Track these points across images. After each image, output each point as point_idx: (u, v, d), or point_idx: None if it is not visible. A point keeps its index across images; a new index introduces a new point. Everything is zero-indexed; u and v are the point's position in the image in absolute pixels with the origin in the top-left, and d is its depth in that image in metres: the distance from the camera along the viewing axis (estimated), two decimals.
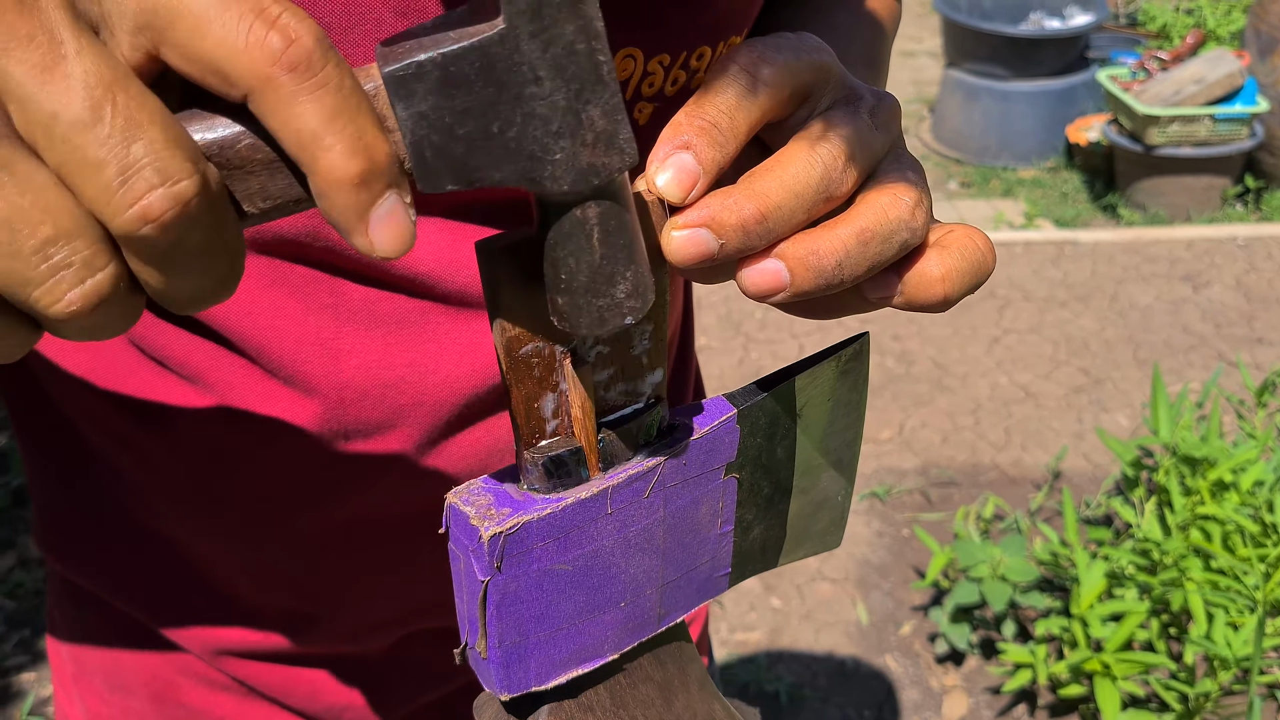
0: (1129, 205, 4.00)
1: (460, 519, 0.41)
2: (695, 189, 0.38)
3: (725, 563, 0.49)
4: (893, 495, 2.63)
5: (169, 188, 0.28)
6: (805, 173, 0.39)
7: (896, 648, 2.25)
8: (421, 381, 0.58)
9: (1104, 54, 4.57)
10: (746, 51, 0.40)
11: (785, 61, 0.40)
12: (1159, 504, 2.13)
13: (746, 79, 0.39)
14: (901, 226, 0.39)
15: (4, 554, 2.44)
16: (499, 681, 0.43)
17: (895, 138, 0.43)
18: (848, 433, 0.51)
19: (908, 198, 0.40)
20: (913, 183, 0.41)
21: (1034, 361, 3.11)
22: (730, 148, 0.38)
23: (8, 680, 2.18)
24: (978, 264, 0.42)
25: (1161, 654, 1.96)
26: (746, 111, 0.39)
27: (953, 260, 0.41)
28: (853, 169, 0.40)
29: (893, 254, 0.40)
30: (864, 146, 0.40)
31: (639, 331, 0.41)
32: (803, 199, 0.38)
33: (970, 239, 0.42)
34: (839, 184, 0.39)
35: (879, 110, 0.42)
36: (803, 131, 0.40)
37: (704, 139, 0.38)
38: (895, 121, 0.43)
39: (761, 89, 0.39)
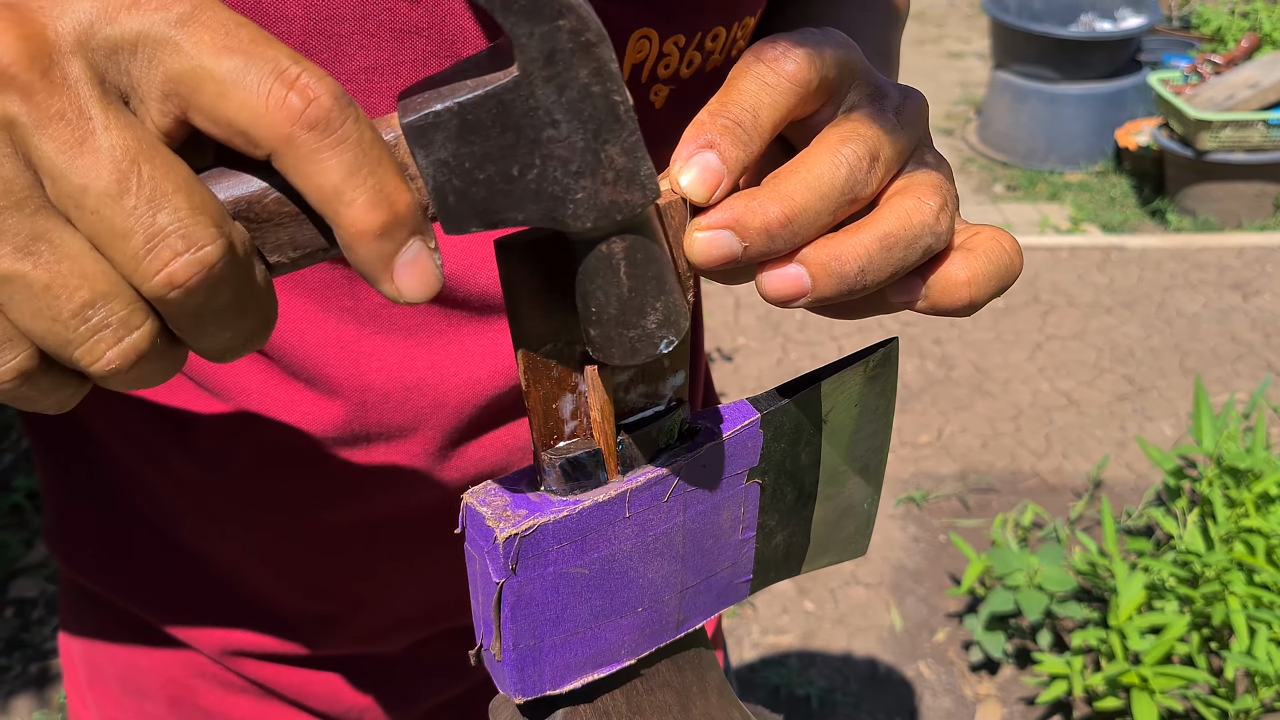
0: (1178, 211, 3.94)
1: (476, 519, 0.40)
2: (719, 189, 0.37)
3: (747, 569, 0.48)
4: (930, 500, 2.61)
5: (193, 254, 0.29)
6: (831, 174, 0.38)
7: (930, 655, 2.23)
8: (443, 384, 0.58)
9: (1156, 57, 4.50)
10: (770, 47, 0.39)
11: (810, 57, 0.39)
12: (1202, 515, 2.10)
13: (771, 75, 0.38)
14: (926, 231, 0.39)
15: None
16: (513, 684, 0.42)
17: (922, 135, 0.42)
18: (875, 439, 0.50)
19: (932, 201, 0.39)
20: (938, 185, 0.40)
21: (1077, 368, 3.07)
22: (755, 146, 0.38)
23: (46, 663, 2.21)
24: (1004, 267, 0.41)
25: (1201, 669, 1.92)
26: (771, 109, 0.38)
27: (978, 264, 0.40)
28: (878, 169, 0.39)
29: (916, 259, 0.39)
30: (890, 146, 0.40)
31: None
32: (828, 201, 0.38)
33: (997, 241, 0.41)
34: (864, 185, 0.39)
35: (905, 107, 0.41)
36: (828, 130, 0.39)
37: (728, 138, 0.37)
38: (921, 119, 0.42)
39: (786, 86, 0.38)
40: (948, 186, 0.41)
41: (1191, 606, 1.95)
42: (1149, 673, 1.86)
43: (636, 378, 0.41)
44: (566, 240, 0.36)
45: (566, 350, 0.39)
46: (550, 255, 0.37)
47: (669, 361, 0.42)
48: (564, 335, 0.39)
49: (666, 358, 0.41)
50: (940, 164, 0.42)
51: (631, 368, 0.41)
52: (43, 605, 2.33)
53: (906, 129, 0.41)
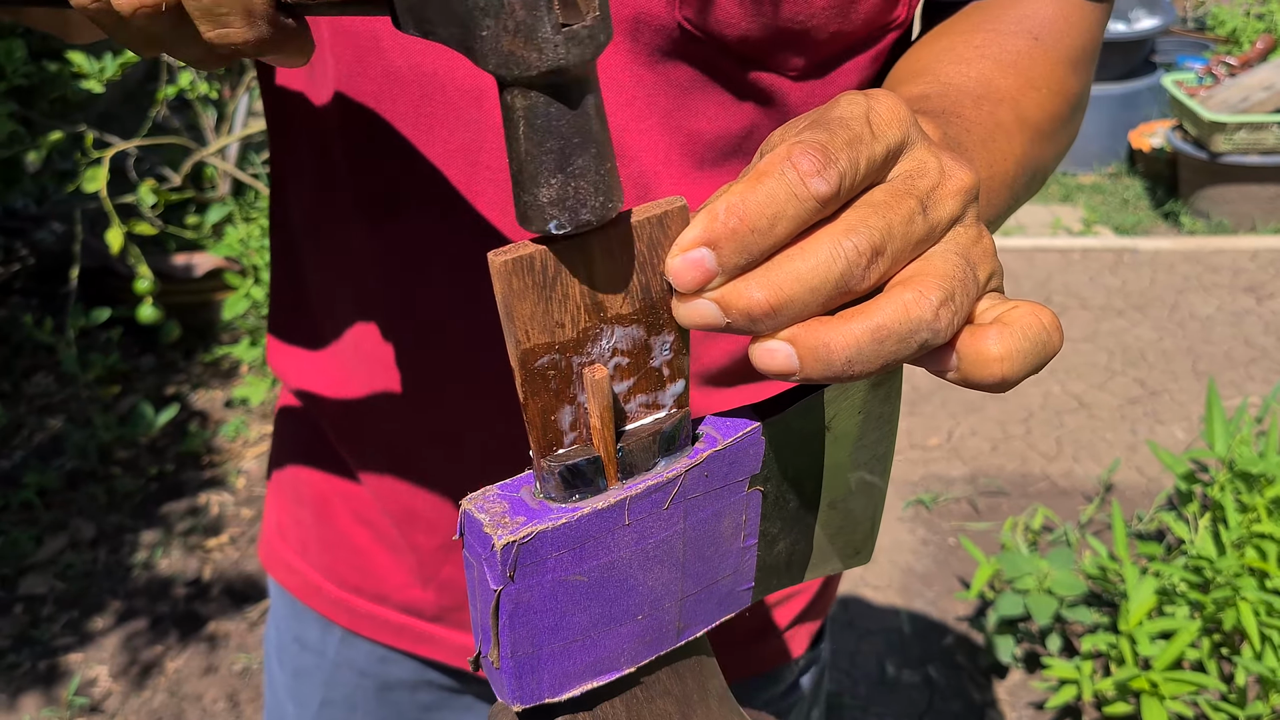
0: (1192, 213, 3.92)
1: (474, 526, 0.40)
2: (707, 285, 0.37)
3: (748, 577, 0.47)
4: (939, 503, 2.60)
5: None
6: (825, 269, 0.37)
7: (939, 658, 2.22)
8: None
9: (1170, 58, 4.48)
10: (807, 157, 0.37)
11: (843, 176, 0.37)
12: (1213, 520, 2.08)
13: (801, 190, 0.37)
14: (922, 327, 0.37)
15: (56, 536, 2.49)
16: (511, 692, 0.42)
17: (952, 218, 0.40)
18: (879, 446, 0.50)
19: (933, 296, 0.37)
20: (947, 276, 0.38)
21: (1088, 371, 3.06)
22: (759, 252, 0.37)
23: (54, 660, 2.21)
24: (1042, 345, 0.39)
25: (1212, 674, 1.91)
26: (791, 221, 0.37)
27: (1014, 341, 0.39)
28: (880, 264, 0.38)
29: (911, 353, 0.38)
30: (901, 239, 0.38)
31: (659, 342, 0.40)
32: (818, 294, 0.37)
33: (1036, 318, 0.39)
34: (861, 280, 0.37)
35: (940, 190, 0.40)
36: (841, 214, 0.38)
37: (732, 244, 0.37)
38: (956, 200, 0.40)
39: (812, 206, 0.37)
40: (960, 276, 0.39)
41: (1202, 612, 1.93)
42: (1159, 678, 1.85)
43: (636, 388, 0.41)
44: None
45: (564, 362, 0.39)
46: (544, 268, 0.37)
47: (669, 371, 0.41)
48: (561, 348, 0.38)
49: (666, 367, 0.41)
50: (973, 244, 0.41)
51: (630, 377, 0.40)
52: (52, 602, 2.34)
53: (931, 213, 0.39)
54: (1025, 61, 0.61)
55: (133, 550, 2.46)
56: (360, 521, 0.80)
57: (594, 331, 0.39)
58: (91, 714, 2.11)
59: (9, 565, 2.40)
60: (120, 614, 2.32)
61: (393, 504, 0.78)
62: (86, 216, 2.88)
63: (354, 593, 0.82)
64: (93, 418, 2.75)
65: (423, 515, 0.77)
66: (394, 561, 0.80)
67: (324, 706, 0.87)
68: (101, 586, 2.38)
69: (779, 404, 0.45)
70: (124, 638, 2.26)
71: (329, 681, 0.86)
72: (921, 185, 0.39)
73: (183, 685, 2.17)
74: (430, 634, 0.81)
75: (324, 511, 0.83)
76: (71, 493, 2.60)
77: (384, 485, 0.77)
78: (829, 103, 0.40)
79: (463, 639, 0.80)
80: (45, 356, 3.02)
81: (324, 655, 0.86)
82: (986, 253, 0.41)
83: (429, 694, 0.86)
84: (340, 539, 0.82)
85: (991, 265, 0.41)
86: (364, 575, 0.81)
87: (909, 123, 0.40)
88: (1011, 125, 0.58)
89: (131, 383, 2.94)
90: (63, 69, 2.64)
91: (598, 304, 0.38)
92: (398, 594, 0.80)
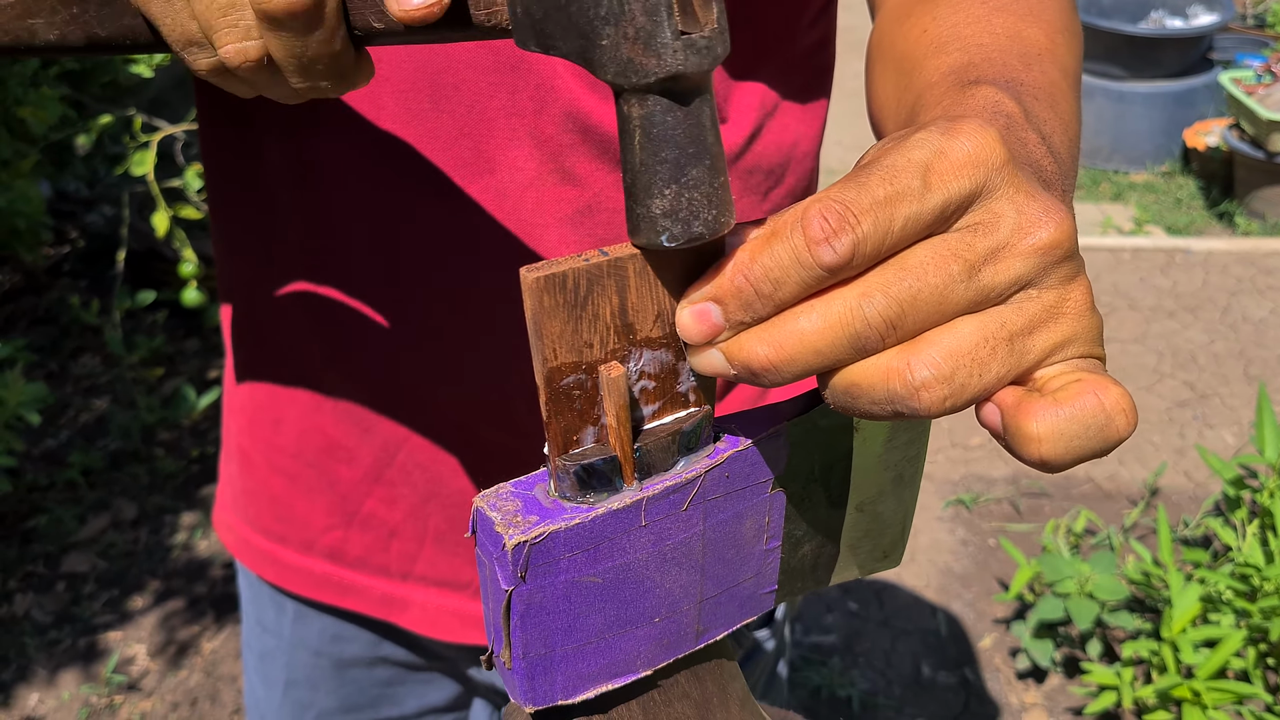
0: (1247, 214, 3.84)
1: (486, 524, 0.39)
2: (716, 338, 0.37)
3: (771, 580, 0.46)
4: (980, 503, 2.57)
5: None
6: (832, 333, 0.35)
7: (975, 661, 2.19)
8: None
9: (1228, 56, 4.38)
10: (818, 221, 0.34)
11: (855, 246, 0.34)
12: (1262, 527, 2.04)
13: (806, 258, 0.35)
14: (895, 400, 0.35)
15: (99, 515, 2.52)
16: (523, 693, 0.41)
17: (1015, 282, 0.36)
18: (911, 448, 0.48)
19: (919, 375, 0.34)
20: (951, 355, 0.35)
21: (1137, 373, 3.00)
22: (765, 312, 0.36)
23: (94, 638, 2.24)
24: (1096, 429, 0.35)
25: (1257, 685, 1.87)
26: (796, 286, 0.35)
27: (1058, 421, 0.34)
28: (897, 334, 0.35)
29: (886, 416, 0.36)
30: (929, 307, 0.35)
31: (686, 368, 0.40)
32: (823, 356, 0.35)
33: (1094, 395, 0.35)
34: (874, 348, 0.35)
35: (1006, 250, 0.36)
36: (872, 270, 0.35)
37: (736, 302, 0.36)
38: (1029, 260, 0.36)
39: (817, 274, 0.35)
40: (976, 355, 0.35)
41: (1248, 621, 1.89)
42: (1202, 687, 1.81)
43: (661, 410, 0.40)
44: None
45: (589, 383, 0.38)
46: (575, 286, 0.36)
47: (694, 397, 0.41)
48: (588, 368, 0.38)
49: (692, 393, 0.40)
50: (1043, 311, 0.36)
51: (655, 402, 0.40)
52: (93, 580, 2.37)
53: (986, 278, 0.35)
54: (1038, 7, 0.57)
55: (173, 531, 2.49)
56: (275, 471, 0.80)
57: (622, 354, 0.38)
58: (129, 692, 2.14)
59: (53, 543, 2.44)
60: (159, 594, 2.34)
61: (314, 438, 0.77)
62: (134, 200, 2.91)
63: (279, 542, 0.82)
64: (137, 399, 2.79)
65: (342, 444, 0.76)
66: (311, 504, 0.79)
67: (289, 687, 0.88)
68: (141, 566, 2.40)
69: (805, 404, 0.43)
70: (162, 617, 2.29)
71: (289, 663, 0.87)
72: (981, 245, 0.36)
73: (218, 666, 2.19)
74: (352, 584, 0.80)
75: (245, 464, 0.82)
76: (114, 473, 2.63)
77: (304, 420, 0.77)
78: (901, 138, 0.37)
79: (385, 587, 0.80)
80: (92, 338, 3.06)
81: (281, 637, 0.87)
82: (1062, 318, 0.36)
83: (386, 670, 0.87)
84: (261, 487, 0.81)
85: (1067, 332, 0.36)
86: (287, 523, 0.81)
87: (991, 166, 0.36)
88: (1061, 80, 0.54)
89: (175, 365, 2.97)
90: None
91: (627, 326, 0.38)
92: (321, 538, 0.80)
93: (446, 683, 0.89)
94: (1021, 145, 0.45)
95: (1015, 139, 0.45)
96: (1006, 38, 0.55)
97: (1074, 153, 0.51)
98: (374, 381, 0.72)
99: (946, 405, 0.35)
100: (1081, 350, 0.37)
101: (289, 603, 0.85)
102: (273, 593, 0.85)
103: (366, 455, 0.75)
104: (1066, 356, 0.37)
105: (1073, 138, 0.52)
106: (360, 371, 0.72)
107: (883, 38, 0.62)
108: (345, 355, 0.72)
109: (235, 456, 0.84)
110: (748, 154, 0.70)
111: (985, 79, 0.50)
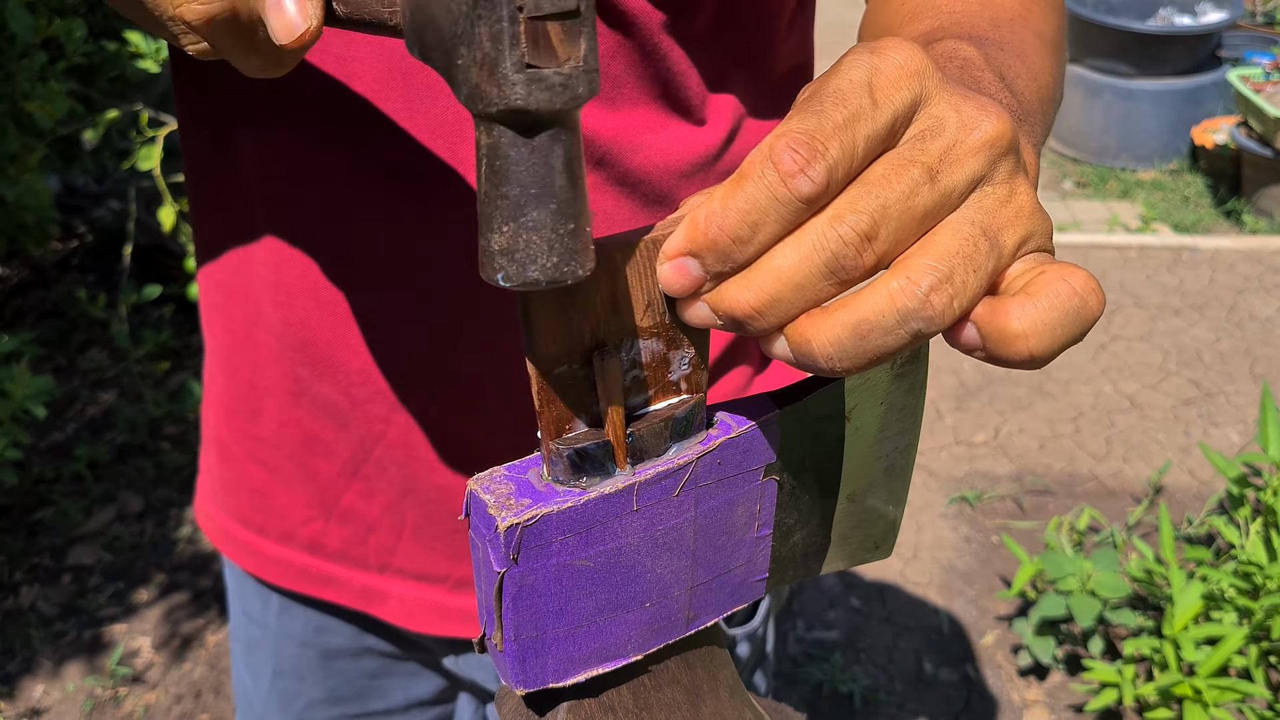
0: (1254, 212, 3.83)
1: (479, 507, 0.39)
2: (699, 290, 0.37)
3: (762, 567, 0.47)
4: (984, 501, 2.57)
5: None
6: (809, 262, 0.35)
7: (977, 657, 2.20)
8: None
9: (1237, 53, 4.37)
10: (791, 152, 0.34)
11: (830, 171, 0.35)
12: (1265, 526, 2.04)
13: (783, 192, 0.35)
14: (910, 317, 0.35)
15: (104, 508, 2.53)
16: (514, 676, 0.41)
17: (972, 180, 0.37)
18: (902, 439, 0.49)
19: (923, 281, 0.34)
20: (945, 255, 0.35)
21: (1142, 370, 3.00)
22: (744, 258, 0.36)
23: (99, 630, 2.25)
24: (1073, 313, 0.36)
25: (1259, 682, 1.87)
26: (775, 224, 0.35)
27: (1039, 312, 0.35)
28: (874, 248, 0.35)
29: (905, 344, 0.35)
30: (900, 216, 0.35)
31: (678, 357, 0.40)
32: (805, 290, 0.35)
33: (1065, 282, 0.36)
34: (854, 268, 0.35)
35: (956, 150, 0.36)
36: (832, 203, 0.35)
37: (714, 253, 0.36)
38: (979, 157, 0.37)
39: (796, 206, 0.35)
40: (966, 250, 0.35)
41: (1251, 619, 1.89)
42: (1203, 685, 1.81)
43: (653, 398, 0.40)
44: None
45: (581, 372, 0.38)
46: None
47: (686, 385, 0.41)
48: (580, 359, 0.38)
49: (684, 381, 0.41)
50: (999, 205, 0.37)
51: (646, 391, 0.40)
52: (99, 573, 2.38)
53: (945, 179, 0.36)
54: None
55: (178, 524, 2.50)
56: (255, 461, 0.80)
57: (613, 342, 0.38)
58: (133, 684, 2.15)
59: (59, 536, 2.45)
60: (164, 587, 2.35)
61: (291, 431, 0.77)
62: (141, 195, 2.92)
63: (259, 533, 0.82)
64: (143, 393, 2.80)
65: (320, 438, 0.76)
66: (291, 496, 0.79)
67: (276, 677, 0.88)
68: (147, 559, 2.42)
69: (798, 392, 0.44)
70: (166, 610, 2.30)
71: (276, 653, 0.87)
72: (933, 149, 0.36)
73: (222, 658, 2.19)
74: (332, 575, 0.81)
75: (224, 455, 0.82)
76: (120, 466, 2.64)
77: (282, 412, 0.77)
78: (833, 66, 0.38)
79: (364, 580, 0.80)
80: (99, 332, 3.07)
81: (267, 627, 0.87)
82: (1020, 213, 0.37)
83: (372, 661, 0.87)
84: (240, 478, 0.82)
85: (1027, 227, 0.37)
86: (266, 514, 0.81)
87: (923, 74, 0.37)
88: (1033, 40, 0.55)
89: (182, 359, 2.98)
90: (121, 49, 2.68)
91: (618, 315, 0.38)
92: (300, 530, 0.80)
93: (432, 676, 0.89)
94: (975, 82, 0.46)
95: (969, 77, 0.46)
96: (979, 4, 0.56)
97: (1042, 99, 0.52)
98: (349, 377, 0.72)
99: (955, 306, 0.35)
100: (1039, 244, 0.38)
101: (273, 594, 0.85)
102: (257, 584, 0.86)
103: (344, 449, 0.75)
104: (1031, 249, 0.38)
105: (1042, 86, 0.52)
106: (336, 367, 0.72)
107: (869, 16, 0.65)
108: (320, 351, 0.72)
109: (214, 447, 0.84)
110: (725, 155, 0.70)
111: (949, 36, 0.51)
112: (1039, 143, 0.50)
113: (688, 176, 0.68)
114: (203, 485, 0.88)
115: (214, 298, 0.78)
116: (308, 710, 0.89)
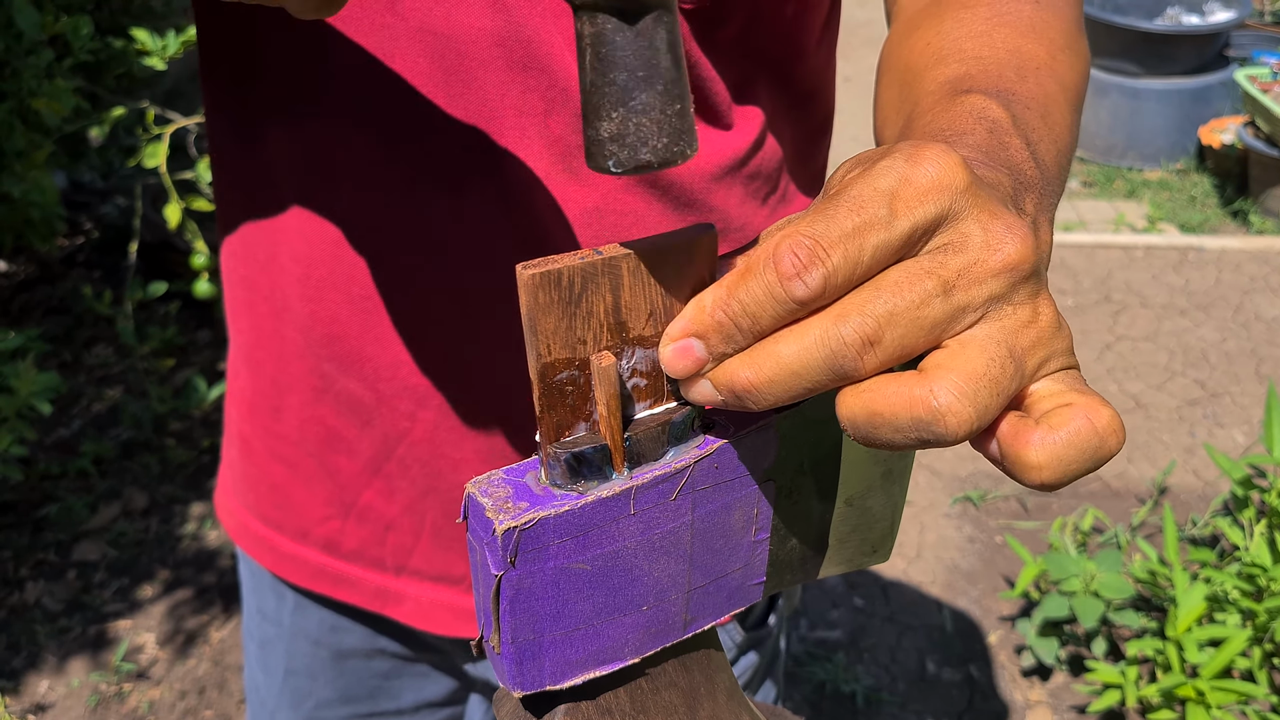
0: (1261, 212, 3.82)
1: (477, 510, 0.40)
2: (701, 370, 0.39)
3: (760, 571, 0.47)
4: (987, 501, 2.57)
5: None
6: (808, 355, 0.36)
7: (981, 657, 2.20)
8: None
9: (1245, 53, 4.36)
10: (790, 256, 0.35)
11: (826, 280, 0.35)
12: (1269, 527, 2.03)
13: (779, 292, 0.36)
14: (922, 425, 0.35)
15: (109, 504, 2.53)
16: (511, 678, 0.42)
17: (989, 299, 0.37)
18: None
19: (944, 397, 0.35)
20: (973, 377, 0.35)
21: (1147, 371, 3.00)
22: (745, 343, 0.37)
23: (104, 626, 2.26)
24: (1090, 451, 0.36)
25: (1262, 685, 1.87)
26: (772, 319, 0.36)
27: (1056, 447, 0.36)
28: (876, 352, 0.36)
29: (908, 444, 0.36)
30: (908, 324, 0.36)
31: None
32: (802, 378, 0.36)
33: (1087, 420, 0.36)
34: (855, 368, 0.36)
35: (975, 269, 0.36)
36: (850, 294, 0.36)
37: (717, 335, 0.38)
38: (999, 280, 0.36)
39: (791, 306, 0.36)
40: (993, 374, 0.35)
41: (1254, 620, 1.89)
42: (1206, 686, 1.81)
43: (652, 407, 0.41)
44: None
45: (583, 379, 0.39)
46: (569, 283, 0.37)
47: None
48: (581, 364, 0.38)
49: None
50: (1022, 327, 0.37)
51: (647, 399, 0.40)
52: (104, 569, 2.38)
53: (959, 295, 0.36)
54: (1041, 25, 0.58)
55: (183, 521, 2.51)
56: (276, 458, 0.81)
57: (615, 350, 0.39)
58: (138, 680, 2.15)
59: (64, 532, 2.46)
60: (168, 583, 2.36)
61: (314, 428, 0.77)
62: (148, 192, 2.93)
63: (276, 529, 0.83)
64: (148, 389, 2.80)
65: (342, 436, 0.76)
66: (310, 493, 0.80)
67: (288, 675, 0.89)
68: (151, 555, 2.42)
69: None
70: (171, 606, 2.31)
71: (289, 651, 0.88)
72: (953, 264, 0.36)
73: (226, 655, 2.20)
74: (346, 575, 0.81)
75: (246, 450, 0.83)
76: (126, 462, 2.65)
77: (304, 409, 0.77)
78: (864, 167, 0.38)
79: (379, 580, 0.81)
80: (105, 328, 3.08)
81: (281, 625, 0.87)
82: (1042, 336, 0.37)
83: (384, 662, 0.87)
84: (261, 473, 0.82)
85: (1049, 348, 0.38)
86: (284, 510, 0.82)
87: (955, 190, 0.37)
88: (1058, 94, 0.55)
89: (187, 356, 2.99)
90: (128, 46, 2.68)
91: (621, 323, 0.38)
92: (317, 528, 0.81)
93: (443, 678, 0.89)
94: (1003, 149, 0.46)
95: (997, 144, 0.46)
96: (1006, 51, 0.56)
97: (1062, 164, 0.52)
98: (378, 372, 0.73)
99: (974, 426, 0.35)
100: (1062, 363, 0.38)
101: (289, 592, 0.86)
102: (273, 581, 0.86)
103: (366, 447, 0.76)
104: (1050, 370, 0.38)
105: (1062, 149, 0.53)
106: (364, 361, 0.73)
107: (891, 50, 0.64)
108: (349, 346, 0.73)
109: (236, 442, 0.84)
110: (753, 160, 0.71)
111: (977, 88, 0.51)
112: (1054, 210, 0.50)
113: (716, 180, 0.68)
114: (224, 479, 0.89)
115: (239, 293, 0.78)
116: (319, 709, 0.89)
